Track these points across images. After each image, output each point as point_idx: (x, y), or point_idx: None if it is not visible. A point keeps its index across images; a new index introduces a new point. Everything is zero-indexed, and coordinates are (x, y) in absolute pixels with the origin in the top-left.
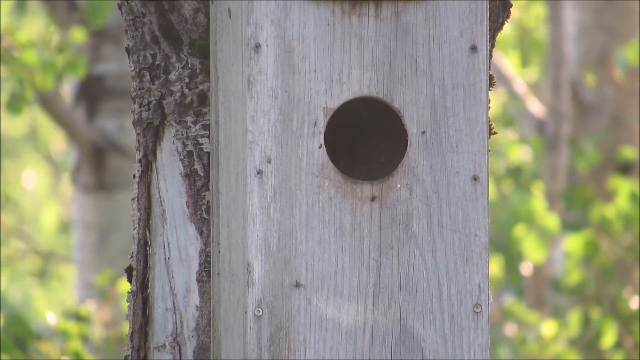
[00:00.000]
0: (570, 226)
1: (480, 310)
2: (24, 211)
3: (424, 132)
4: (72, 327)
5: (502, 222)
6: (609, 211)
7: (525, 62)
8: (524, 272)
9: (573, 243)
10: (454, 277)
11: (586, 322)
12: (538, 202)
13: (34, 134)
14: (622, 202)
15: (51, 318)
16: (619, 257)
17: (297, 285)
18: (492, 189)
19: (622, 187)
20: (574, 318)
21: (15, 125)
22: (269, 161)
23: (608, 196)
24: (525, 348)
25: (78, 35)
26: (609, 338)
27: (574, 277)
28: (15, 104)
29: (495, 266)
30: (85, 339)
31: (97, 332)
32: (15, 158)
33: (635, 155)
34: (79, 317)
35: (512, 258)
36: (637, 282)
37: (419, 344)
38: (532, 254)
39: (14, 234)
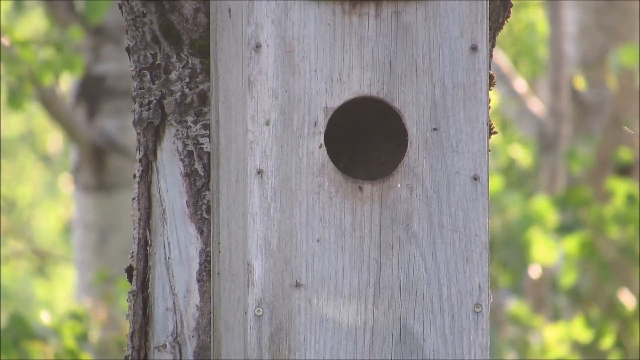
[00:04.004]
0: (566, 228)
1: (480, 310)
2: (21, 212)
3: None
4: (67, 326)
5: (506, 223)
6: (607, 211)
7: (515, 65)
8: (533, 275)
9: (570, 244)
10: (454, 277)
11: (587, 324)
12: (544, 203)
13: (31, 135)
14: (618, 202)
15: (45, 317)
16: (615, 258)
17: (297, 285)
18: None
19: (619, 188)
20: (577, 323)
21: (11, 126)
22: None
23: (606, 197)
24: (529, 352)
25: (75, 33)
26: (608, 339)
27: (569, 278)
28: (15, 100)
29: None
30: (81, 338)
31: (93, 330)
32: (11, 158)
33: (632, 156)
34: (75, 316)
35: (504, 259)
36: (633, 282)
37: (419, 344)
38: (543, 256)
39: (12, 235)
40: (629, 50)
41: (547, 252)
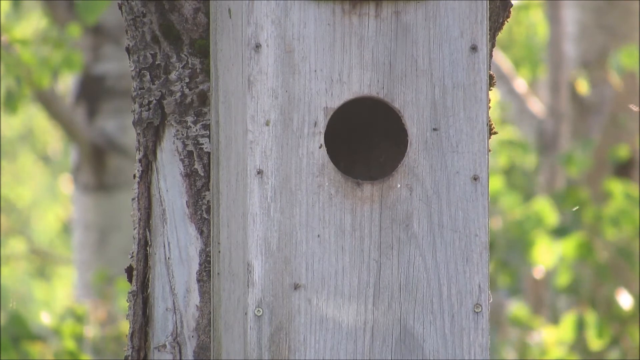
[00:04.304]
0: (563, 230)
1: (480, 310)
2: (21, 212)
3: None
4: (66, 326)
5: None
6: (608, 210)
7: (515, 66)
8: (537, 276)
9: (567, 245)
10: (454, 277)
11: (580, 324)
12: (545, 204)
13: (30, 135)
14: (616, 203)
15: (45, 318)
16: (613, 258)
17: (297, 285)
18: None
19: (616, 188)
20: (568, 321)
21: (11, 126)
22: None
23: (605, 198)
24: (528, 352)
25: (74, 30)
26: (604, 340)
27: (564, 279)
28: (11, 103)
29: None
30: (80, 338)
31: (93, 331)
32: (11, 159)
33: (632, 154)
34: (74, 317)
35: (503, 259)
36: (630, 283)
37: (419, 344)
38: (544, 258)
39: (12, 235)
40: (630, 52)
41: (548, 254)
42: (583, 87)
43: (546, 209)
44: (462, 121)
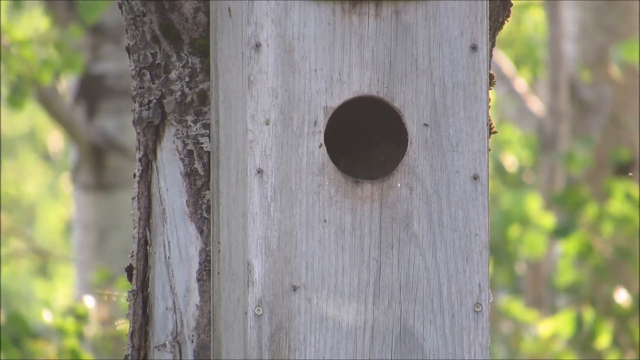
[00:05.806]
0: (562, 230)
1: (480, 309)
2: (22, 211)
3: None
4: (69, 325)
5: (495, 222)
6: (612, 207)
7: (516, 66)
8: (519, 271)
9: (567, 244)
10: (454, 277)
11: (579, 322)
12: (533, 201)
13: (32, 134)
14: (618, 203)
15: (47, 316)
16: (613, 257)
17: (297, 284)
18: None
19: (617, 188)
20: (567, 318)
21: (13, 125)
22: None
23: (605, 197)
24: (523, 347)
25: (75, 32)
26: (603, 338)
27: (566, 277)
28: (16, 99)
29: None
30: (82, 336)
31: (94, 330)
32: (13, 158)
33: (632, 155)
34: (76, 315)
35: (502, 258)
36: (630, 281)
37: (419, 343)
38: (531, 250)
39: (13, 234)
40: (630, 47)
41: (535, 245)
42: (586, 77)
43: (534, 203)
44: (462, 120)
